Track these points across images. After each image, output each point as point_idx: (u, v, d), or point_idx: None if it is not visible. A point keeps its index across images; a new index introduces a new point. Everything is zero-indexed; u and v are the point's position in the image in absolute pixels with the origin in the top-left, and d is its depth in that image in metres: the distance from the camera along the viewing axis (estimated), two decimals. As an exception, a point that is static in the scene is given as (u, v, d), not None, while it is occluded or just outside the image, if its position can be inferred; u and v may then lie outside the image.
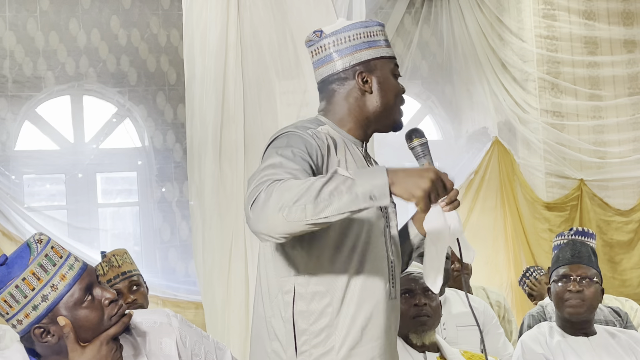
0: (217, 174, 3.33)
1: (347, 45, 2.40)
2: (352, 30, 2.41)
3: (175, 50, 6.24)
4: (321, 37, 2.41)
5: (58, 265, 2.02)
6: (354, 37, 2.40)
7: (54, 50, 6.00)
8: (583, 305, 3.25)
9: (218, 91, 3.38)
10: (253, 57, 3.35)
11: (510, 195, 6.55)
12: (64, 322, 1.99)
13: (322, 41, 2.42)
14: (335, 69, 2.41)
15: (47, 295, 2.00)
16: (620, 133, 6.67)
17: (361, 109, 2.41)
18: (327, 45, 2.41)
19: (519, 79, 6.56)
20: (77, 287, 2.03)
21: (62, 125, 6.17)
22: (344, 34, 2.41)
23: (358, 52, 2.40)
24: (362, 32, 2.41)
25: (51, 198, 6.28)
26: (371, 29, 2.43)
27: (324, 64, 2.43)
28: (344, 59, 2.40)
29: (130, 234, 6.49)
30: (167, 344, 2.18)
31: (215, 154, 3.41)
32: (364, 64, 2.40)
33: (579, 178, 6.52)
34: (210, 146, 3.40)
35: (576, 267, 3.28)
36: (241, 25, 3.27)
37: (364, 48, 2.40)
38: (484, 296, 4.79)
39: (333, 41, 2.40)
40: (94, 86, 6.14)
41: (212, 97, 3.37)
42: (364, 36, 2.41)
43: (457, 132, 6.98)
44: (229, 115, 3.35)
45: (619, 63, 6.72)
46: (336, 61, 2.40)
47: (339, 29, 2.41)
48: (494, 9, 6.65)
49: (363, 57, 2.40)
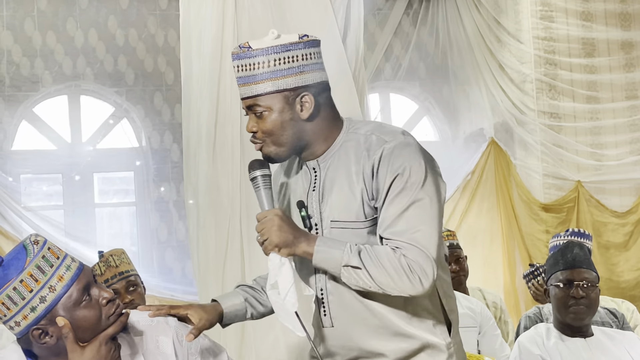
0: (212, 174, 3.32)
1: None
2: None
3: (173, 51, 6.24)
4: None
5: (55, 267, 2.02)
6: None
7: (52, 50, 6.00)
8: (587, 312, 3.25)
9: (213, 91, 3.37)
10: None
11: (506, 196, 6.56)
12: (62, 323, 1.99)
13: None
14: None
15: (45, 296, 1.99)
16: (617, 135, 6.67)
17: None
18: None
19: (516, 80, 6.57)
20: (74, 287, 2.03)
21: (60, 126, 6.16)
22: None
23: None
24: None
25: (48, 198, 6.27)
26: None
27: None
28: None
29: (127, 234, 6.49)
30: (164, 343, 2.19)
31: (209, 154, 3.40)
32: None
33: (576, 180, 6.52)
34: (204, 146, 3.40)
35: (578, 271, 3.26)
36: (238, 25, 3.26)
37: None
38: (481, 297, 4.79)
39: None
40: (91, 86, 6.14)
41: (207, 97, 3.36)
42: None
43: (454, 133, 6.99)
44: (224, 116, 3.34)
45: (616, 65, 6.73)
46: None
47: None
48: (491, 11, 6.65)
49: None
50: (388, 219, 2.20)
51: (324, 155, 2.34)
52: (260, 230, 2.20)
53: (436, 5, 6.88)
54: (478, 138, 6.81)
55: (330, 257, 2.19)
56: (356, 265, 2.16)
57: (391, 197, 2.20)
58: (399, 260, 2.15)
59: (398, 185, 2.20)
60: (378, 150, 2.24)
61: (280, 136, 2.28)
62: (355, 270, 2.16)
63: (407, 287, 2.15)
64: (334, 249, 2.19)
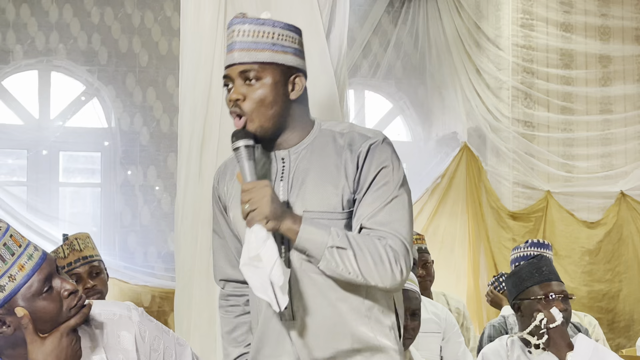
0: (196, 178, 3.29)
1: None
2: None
3: (149, 32, 6.16)
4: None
5: (17, 255, 1.95)
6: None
7: (25, 24, 5.90)
8: (566, 325, 3.24)
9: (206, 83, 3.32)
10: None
11: (475, 202, 6.56)
12: (22, 314, 1.92)
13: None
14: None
15: (4, 286, 1.92)
16: (589, 148, 6.70)
17: None
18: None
19: (492, 86, 6.57)
20: (35, 277, 1.95)
21: (28, 101, 6.06)
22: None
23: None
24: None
25: (11, 173, 6.18)
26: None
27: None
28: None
29: (89, 214, 6.42)
30: (125, 338, 2.13)
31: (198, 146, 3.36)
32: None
33: (546, 189, 6.54)
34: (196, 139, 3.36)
35: (557, 284, 3.25)
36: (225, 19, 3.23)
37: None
38: (444, 302, 4.78)
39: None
40: (63, 63, 6.05)
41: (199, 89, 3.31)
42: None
43: (427, 134, 6.99)
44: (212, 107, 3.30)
45: (592, 78, 6.76)
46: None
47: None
48: (472, 15, 6.65)
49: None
50: (371, 209, 2.20)
51: (296, 146, 2.31)
52: (247, 199, 2.12)
53: (417, 6, 6.87)
54: (451, 142, 6.81)
55: (316, 237, 2.14)
56: (342, 246, 2.13)
57: (374, 188, 2.22)
58: (384, 248, 2.16)
59: (382, 178, 2.23)
60: (363, 144, 2.25)
61: (268, 110, 2.24)
62: (340, 252, 2.13)
63: (388, 276, 2.15)
64: (320, 229, 2.16)
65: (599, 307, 6.45)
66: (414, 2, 6.86)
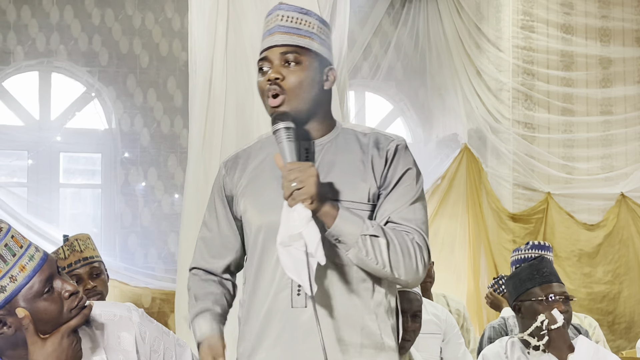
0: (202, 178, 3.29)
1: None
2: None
3: (150, 34, 6.16)
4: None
5: (18, 256, 1.95)
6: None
7: (25, 25, 5.90)
8: (567, 326, 3.24)
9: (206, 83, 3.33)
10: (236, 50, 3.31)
11: (476, 203, 6.56)
12: (23, 314, 1.92)
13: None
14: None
15: (5, 286, 1.92)
16: (589, 149, 6.69)
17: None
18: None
19: (493, 88, 6.56)
20: (36, 278, 1.95)
21: (29, 102, 6.06)
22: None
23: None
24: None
25: (12, 174, 6.18)
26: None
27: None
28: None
29: (89, 216, 6.42)
30: (126, 339, 2.13)
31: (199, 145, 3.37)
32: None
33: (546, 191, 6.53)
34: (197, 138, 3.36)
35: (558, 285, 3.25)
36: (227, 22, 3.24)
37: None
38: (444, 303, 4.78)
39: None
40: (63, 64, 6.05)
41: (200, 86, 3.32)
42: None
43: (427, 136, 6.98)
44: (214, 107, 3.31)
45: (593, 80, 6.76)
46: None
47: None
48: (472, 16, 6.64)
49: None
50: (398, 205, 2.26)
51: (321, 139, 2.34)
52: (293, 177, 2.10)
53: (418, 8, 6.86)
54: (451, 143, 6.80)
55: (352, 224, 2.16)
56: (376, 234, 2.15)
57: (402, 186, 2.28)
58: (412, 243, 2.21)
59: (408, 179, 2.29)
60: (390, 144, 2.32)
61: (305, 93, 2.28)
62: (372, 240, 2.15)
63: (412, 270, 2.20)
64: (356, 216, 2.18)
65: (599, 309, 6.45)
66: (415, 4, 6.85)
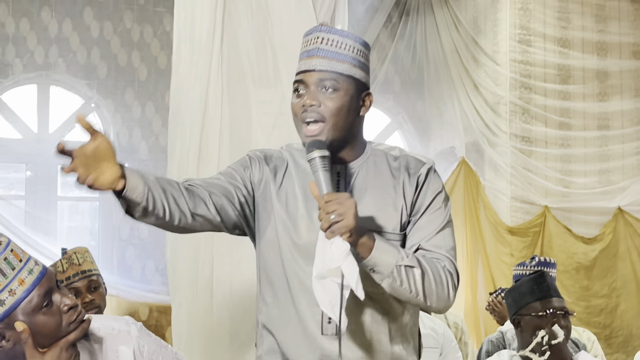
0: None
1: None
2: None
3: (148, 47, 6.17)
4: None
5: (17, 270, 1.95)
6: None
7: (24, 38, 5.91)
8: (566, 341, 3.24)
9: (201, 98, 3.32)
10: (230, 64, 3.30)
11: (474, 216, 6.56)
12: (22, 328, 1.92)
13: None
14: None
15: (4, 300, 1.93)
16: (586, 164, 6.69)
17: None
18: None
19: (490, 101, 6.57)
20: (35, 292, 1.96)
21: (27, 115, 6.07)
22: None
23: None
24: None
25: (10, 186, 6.18)
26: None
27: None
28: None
29: (87, 229, 6.41)
30: (124, 353, 2.13)
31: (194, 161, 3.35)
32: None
33: (544, 205, 6.53)
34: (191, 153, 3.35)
35: (557, 300, 3.25)
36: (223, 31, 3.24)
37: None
38: (442, 317, 4.77)
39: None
40: (62, 77, 6.06)
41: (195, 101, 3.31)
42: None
43: (425, 149, 6.99)
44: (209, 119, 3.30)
45: (590, 94, 6.77)
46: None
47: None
48: (470, 30, 6.66)
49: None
50: (428, 232, 2.24)
51: (353, 162, 2.31)
52: (332, 210, 2.05)
53: (415, 21, 6.89)
54: (449, 156, 6.81)
55: (387, 255, 2.13)
56: (411, 265, 2.13)
57: (431, 212, 2.26)
58: (444, 270, 2.19)
59: (437, 203, 2.27)
60: (421, 168, 2.29)
61: (342, 120, 2.24)
62: (407, 271, 2.13)
63: (444, 298, 2.19)
64: (392, 247, 2.15)
65: (597, 322, 6.45)
66: (412, 17, 6.88)
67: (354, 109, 2.26)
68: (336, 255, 2.07)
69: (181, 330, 3.36)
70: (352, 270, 2.06)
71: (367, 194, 2.27)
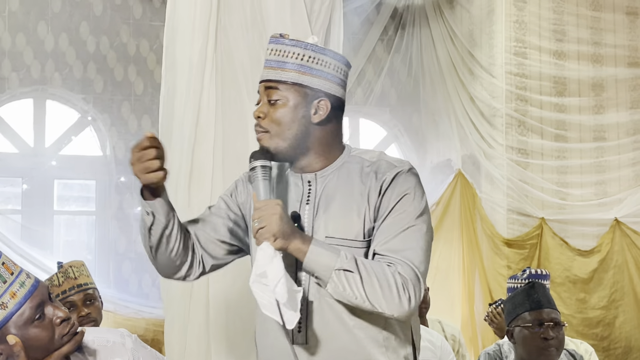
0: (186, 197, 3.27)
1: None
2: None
3: (144, 61, 6.18)
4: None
5: (8, 283, 1.95)
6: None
7: (20, 52, 5.91)
8: (557, 353, 3.24)
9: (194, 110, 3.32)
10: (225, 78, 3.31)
11: (470, 229, 6.55)
12: (14, 341, 1.91)
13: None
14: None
15: None
16: (583, 176, 6.69)
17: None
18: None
19: (486, 114, 6.58)
20: (27, 305, 1.95)
21: (23, 129, 6.07)
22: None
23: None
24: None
25: (6, 201, 6.18)
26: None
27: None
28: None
29: (84, 243, 6.40)
30: (119, 366, 2.12)
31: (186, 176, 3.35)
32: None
33: (540, 217, 6.53)
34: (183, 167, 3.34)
35: (547, 312, 3.25)
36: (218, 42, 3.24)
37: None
38: (440, 329, 4.77)
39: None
40: (58, 91, 6.06)
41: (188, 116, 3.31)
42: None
43: (421, 161, 6.98)
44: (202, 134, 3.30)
45: (586, 106, 6.77)
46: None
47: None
48: (465, 43, 6.68)
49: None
50: (385, 235, 2.21)
51: (323, 170, 2.33)
52: (258, 217, 2.14)
53: (411, 34, 6.90)
54: (445, 169, 6.81)
55: (324, 259, 2.13)
56: (349, 269, 2.12)
57: (393, 216, 2.22)
58: (393, 275, 2.14)
59: (401, 206, 2.24)
60: (389, 172, 2.27)
61: (286, 130, 2.27)
62: (347, 275, 2.11)
63: (395, 304, 2.13)
64: (328, 251, 2.15)
65: (594, 334, 6.43)
66: (408, 30, 6.89)
67: (302, 117, 2.28)
68: (261, 260, 2.11)
69: (173, 345, 3.34)
70: (275, 273, 2.09)
71: (334, 202, 2.28)
